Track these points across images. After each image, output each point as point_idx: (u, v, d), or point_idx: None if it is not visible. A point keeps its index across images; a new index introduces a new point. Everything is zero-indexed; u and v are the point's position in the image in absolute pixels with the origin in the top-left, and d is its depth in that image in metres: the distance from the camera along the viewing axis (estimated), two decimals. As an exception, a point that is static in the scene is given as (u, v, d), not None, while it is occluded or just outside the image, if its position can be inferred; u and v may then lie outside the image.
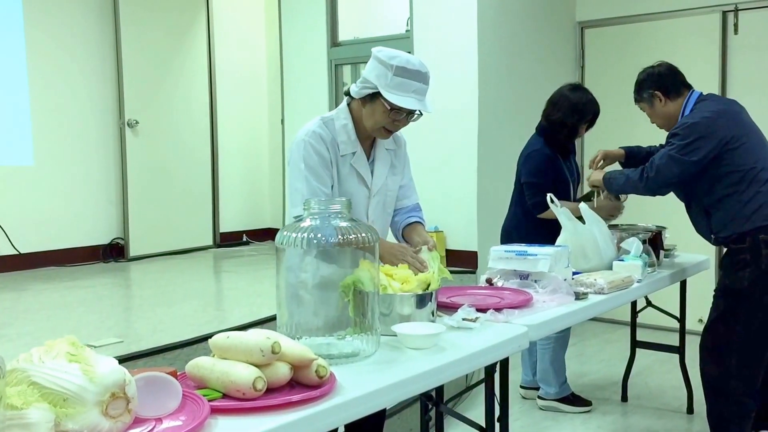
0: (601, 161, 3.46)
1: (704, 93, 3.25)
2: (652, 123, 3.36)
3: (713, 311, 3.14)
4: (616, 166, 3.57)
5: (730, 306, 3.05)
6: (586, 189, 3.86)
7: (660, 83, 3.20)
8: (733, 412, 3.06)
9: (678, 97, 3.19)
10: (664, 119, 3.24)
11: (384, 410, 2.72)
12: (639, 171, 3.12)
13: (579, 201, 3.64)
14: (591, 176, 3.43)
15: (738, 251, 2.99)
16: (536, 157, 3.64)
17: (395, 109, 2.29)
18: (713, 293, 3.18)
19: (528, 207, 3.64)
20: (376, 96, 2.30)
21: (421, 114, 2.35)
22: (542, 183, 3.55)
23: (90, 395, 1.24)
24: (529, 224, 3.60)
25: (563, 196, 3.61)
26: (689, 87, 3.24)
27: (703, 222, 3.17)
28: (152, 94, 6.29)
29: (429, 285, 2.11)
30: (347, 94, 2.45)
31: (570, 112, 3.61)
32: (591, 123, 3.70)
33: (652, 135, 3.83)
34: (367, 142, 2.48)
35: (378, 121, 2.34)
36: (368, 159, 2.49)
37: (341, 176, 2.41)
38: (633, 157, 3.51)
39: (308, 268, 1.84)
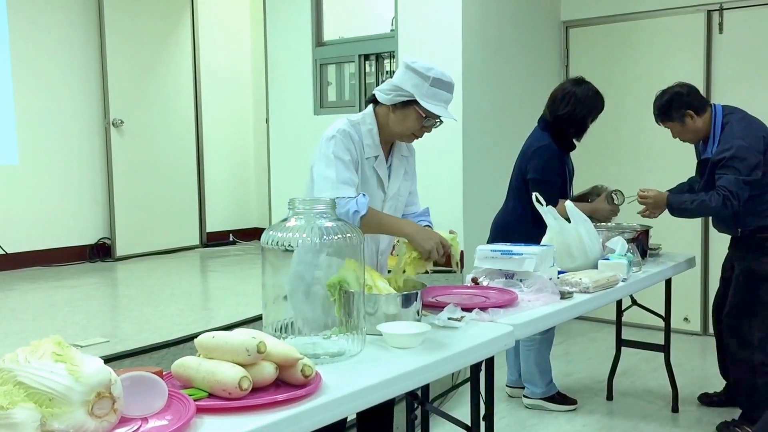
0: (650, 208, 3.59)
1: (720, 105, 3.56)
2: (675, 137, 3.62)
3: (736, 294, 3.51)
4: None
5: (753, 287, 3.45)
6: (581, 187, 3.87)
7: (690, 103, 3.48)
8: (764, 382, 3.44)
9: (704, 113, 3.48)
10: (695, 134, 3.52)
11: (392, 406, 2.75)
12: (719, 199, 3.30)
13: (582, 199, 3.68)
14: (651, 199, 3.51)
15: (763, 240, 3.42)
16: (545, 153, 3.58)
17: (429, 116, 2.41)
18: (735, 279, 3.55)
19: (531, 202, 3.60)
20: (409, 103, 2.41)
21: (441, 122, 2.47)
22: (552, 180, 3.54)
23: (76, 395, 1.24)
24: (531, 219, 3.40)
25: (564, 192, 3.62)
26: (708, 101, 3.57)
27: (730, 217, 3.47)
28: (137, 93, 6.27)
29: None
30: (373, 100, 2.52)
31: (578, 106, 3.53)
32: (597, 116, 3.65)
33: (635, 132, 3.88)
34: (386, 148, 2.56)
35: (409, 127, 2.45)
36: (386, 164, 2.57)
37: (362, 178, 2.48)
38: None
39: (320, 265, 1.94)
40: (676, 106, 3.47)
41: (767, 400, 3.41)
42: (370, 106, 2.53)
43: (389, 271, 2.53)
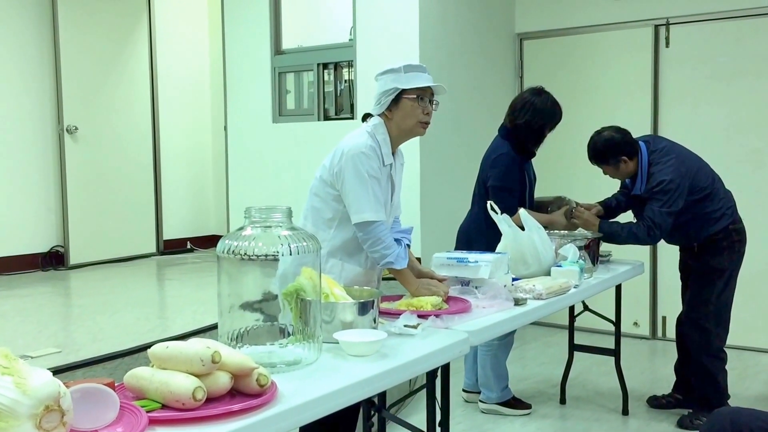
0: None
1: (642, 138, 3.77)
2: (605, 174, 3.79)
3: (694, 286, 3.78)
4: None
5: (710, 282, 3.72)
6: (544, 194, 3.95)
7: (624, 150, 3.63)
8: (717, 366, 3.72)
9: (635, 156, 3.65)
10: (626, 175, 3.72)
11: (359, 405, 2.73)
12: (644, 229, 3.57)
13: (542, 205, 3.77)
14: (582, 220, 3.67)
15: (717, 241, 3.69)
16: (505, 161, 3.63)
17: (420, 93, 2.53)
18: (692, 278, 3.82)
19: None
20: (399, 97, 2.54)
21: (438, 103, 2.59)
22: (511, 187, 3.60)
23: (23, 408, 1.23)
24: (494, 227, 3.34)
25: (524, 200, 3.67)
26: (637, 142, 3.69)
27: (682, 234, 3.75)
28: (92, 99, 6.18)
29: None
30: (370, 116, 2.62)
31: (537, 116, 3.60)
32: (554, 126, 3.72)
33: (585, 140, 3.97)
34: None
35: (413, 116, 2.55)
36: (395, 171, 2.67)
37: (381, 186, 2.56)
38: (609, 210, 3.90)
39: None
40: (612, 153, 3.63)
41: (719, 383, 3.70)
42: (378, 118, 2.60)
43: (385, 279, 2.69)
